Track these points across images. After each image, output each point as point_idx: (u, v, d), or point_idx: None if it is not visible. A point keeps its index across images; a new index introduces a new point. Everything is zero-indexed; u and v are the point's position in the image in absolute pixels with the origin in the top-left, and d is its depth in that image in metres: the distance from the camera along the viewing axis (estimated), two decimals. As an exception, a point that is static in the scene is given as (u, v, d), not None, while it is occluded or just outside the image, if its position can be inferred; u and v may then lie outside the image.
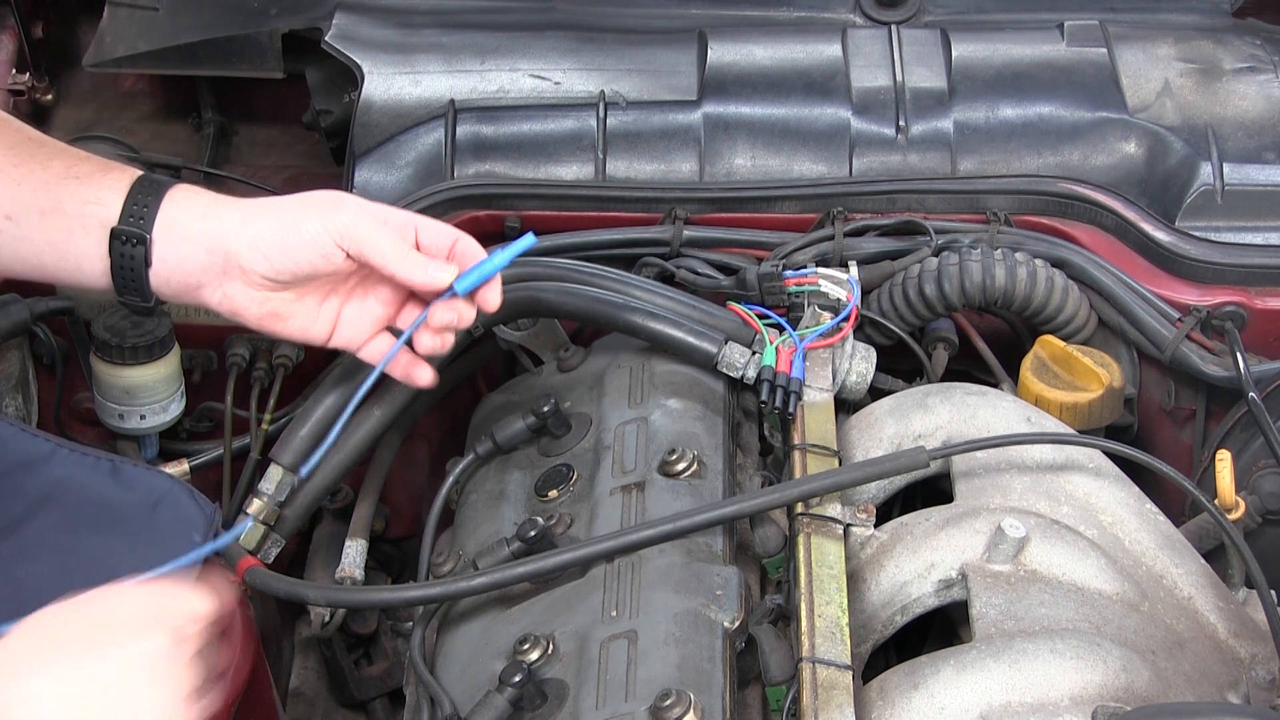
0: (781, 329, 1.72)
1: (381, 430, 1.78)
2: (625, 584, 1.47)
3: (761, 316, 1.74)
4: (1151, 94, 1.97)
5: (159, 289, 1.51)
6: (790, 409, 1.64)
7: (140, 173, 1.52)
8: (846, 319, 1.72)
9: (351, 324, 1.56)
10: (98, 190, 1.51)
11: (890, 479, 1.60)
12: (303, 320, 1.54)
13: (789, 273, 1.77)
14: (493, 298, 1.52)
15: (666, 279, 1.84)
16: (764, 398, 1.65)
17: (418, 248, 1.51)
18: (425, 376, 1.58)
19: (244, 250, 1.48)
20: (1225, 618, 1.51)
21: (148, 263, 1.49)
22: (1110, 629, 1.42)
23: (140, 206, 1.49)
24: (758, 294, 1.77)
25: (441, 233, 1.53)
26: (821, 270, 1.77)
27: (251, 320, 1.53)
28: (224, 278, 1.50)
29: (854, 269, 1.82)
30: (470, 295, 1.52)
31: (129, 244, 1.49)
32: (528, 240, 1.53)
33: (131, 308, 1.54)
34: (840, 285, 1.75)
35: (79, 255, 1.51)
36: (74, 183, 1.52)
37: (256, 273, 1.49)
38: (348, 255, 1.48)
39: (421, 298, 1.54)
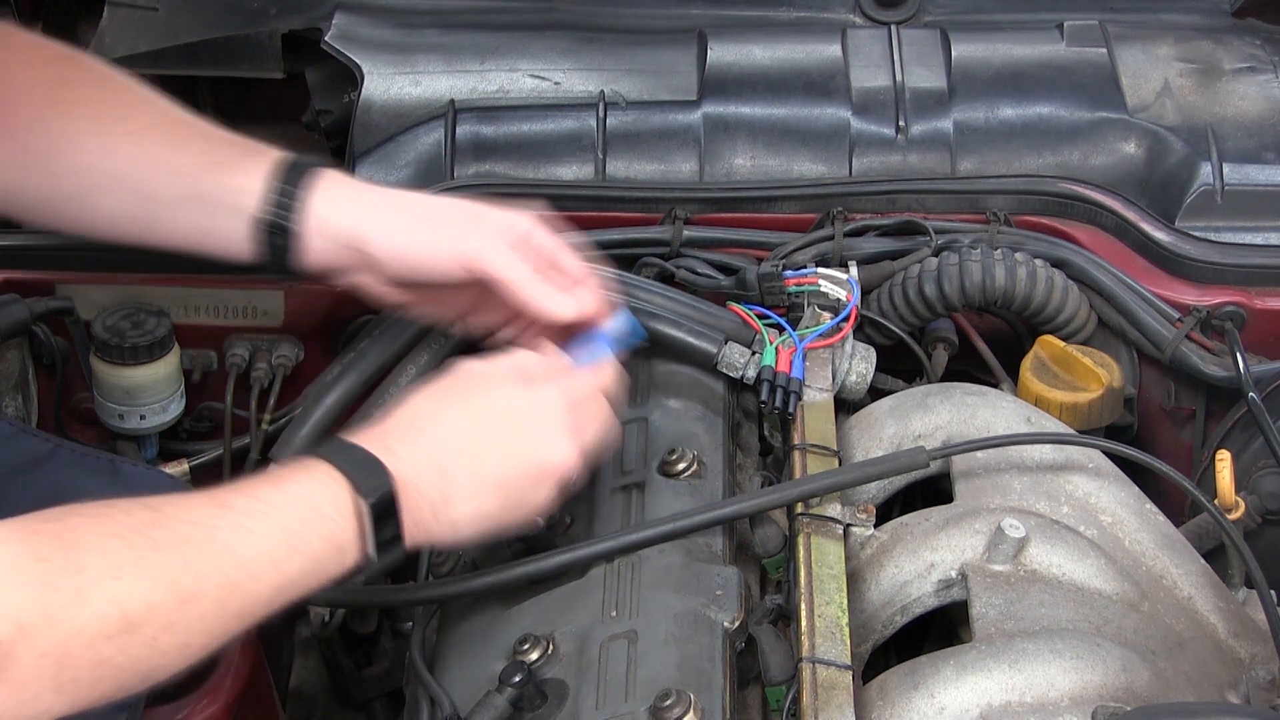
0: (781, 329, 1.72)
1: (381, 430, 1.78)
2: (625, 584, 1.47)
3: (761, 317, 1.74)
4: (1151, 94, 1.97)
5: (299, 269, 1.59)
6: (790, 409, 1.64)
7: (281, 157, 1.57)
8: (846, 319, 1.72)
9: (476, 319, 1.64)
10: (241, 177, 1.57)
11: (890, 479, 1.60)
12: (428, 311, 1.65)
13: (789, 273, 1.77)
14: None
15: (666, 279, 1.84)
16: (764, 398, 1.65)
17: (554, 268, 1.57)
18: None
19: (379, 253, 1.56)
20: (1225, 618, 1.51)
21: (284, 250, 1.57)
22: (1110, 629, 1.42)
23: (284, 197, 1.56)
24: (757, 294, 1.77)
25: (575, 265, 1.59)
26: (821, 270, 1.77)
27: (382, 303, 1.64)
28: (359, 270, 1.59)
29: (854, 269, 1.82)
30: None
31: (274, 234, 1.56)
32: (639, 336, 1.64)
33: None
34: (840, 285, 1.75)
35: (225, 238, 1.58)
36: (216, 169, 1.58)
37: (388, 274, 1.58)
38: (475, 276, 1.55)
39: None
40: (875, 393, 1.75)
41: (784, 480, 1.60)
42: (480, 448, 1.41)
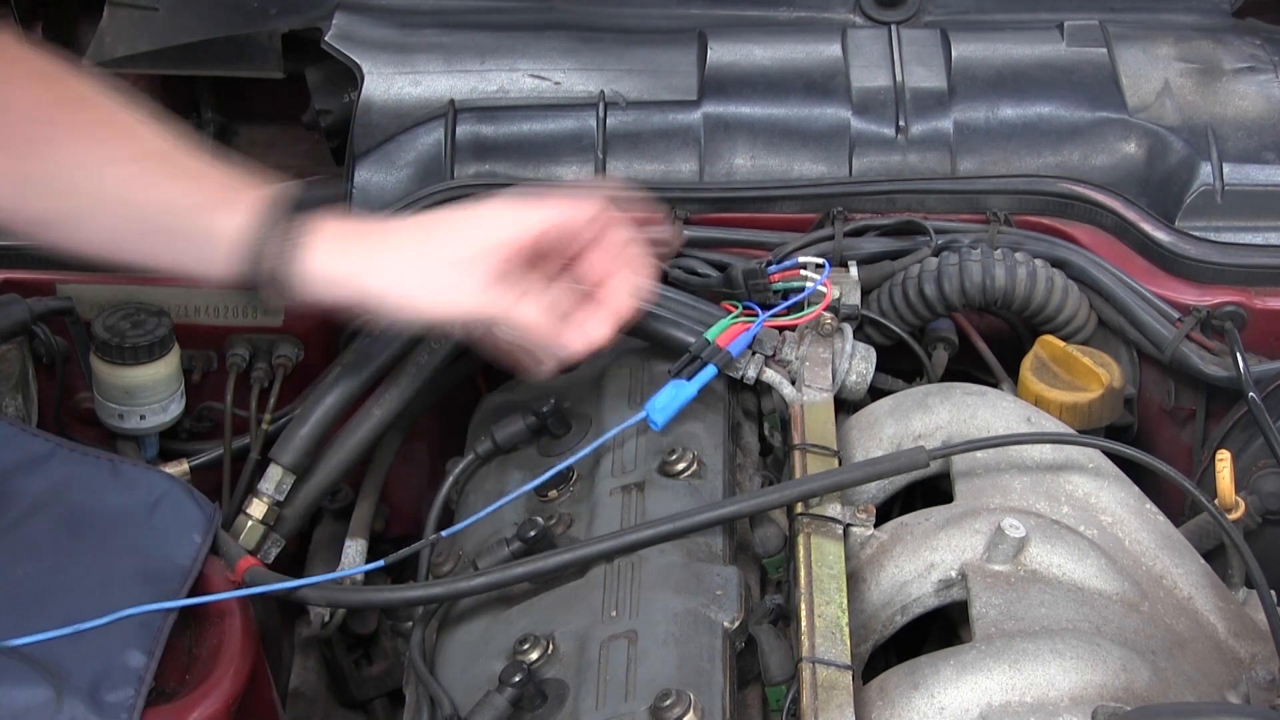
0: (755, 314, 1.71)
1: (381, 430, 1.78)
2: (625, 584, 1.47)
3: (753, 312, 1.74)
4: (1151, 94, 1.97)
5: (290, 309, 1.63)
6: (689, 377, 1.63)
7: (267, 200, 1.52)
8: (812, 300, 1.71)
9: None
10: (227, 219, 1.52)
11: (890, 479, 1.60)
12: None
13: (773, 268, 1.76)
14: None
15: (661, 279, 1.84)
16: (674, 367, 1.65)
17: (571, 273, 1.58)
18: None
19: (377, 305, 1.53)
20: (1225, 618, 1.51)
21: (281, 296, 1.52)
22: (1110, 629, 1.42)
23: (269, 247, 1.50)
24: (744, 291, 1.76)
25: (600, 265, 1.59)
26: (802, 259, 1.77)
27: None
28: (355, 313, 1.57)
29: (854, 269, 1.82)
30: None
31: (261, 281, 1.51)
32: (711, 371, 1.63)
33: None
34: (819, 273, 1.74)
35: (217, 274, 1.53)
36: (204, 209, 1.53)
37: (387, 320, 1.60)
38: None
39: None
40: (875, 393, 1.75)
41: (784, 480, 1.60)
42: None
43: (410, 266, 1.52)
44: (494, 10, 2.14)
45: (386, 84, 2.00)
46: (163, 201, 1.53)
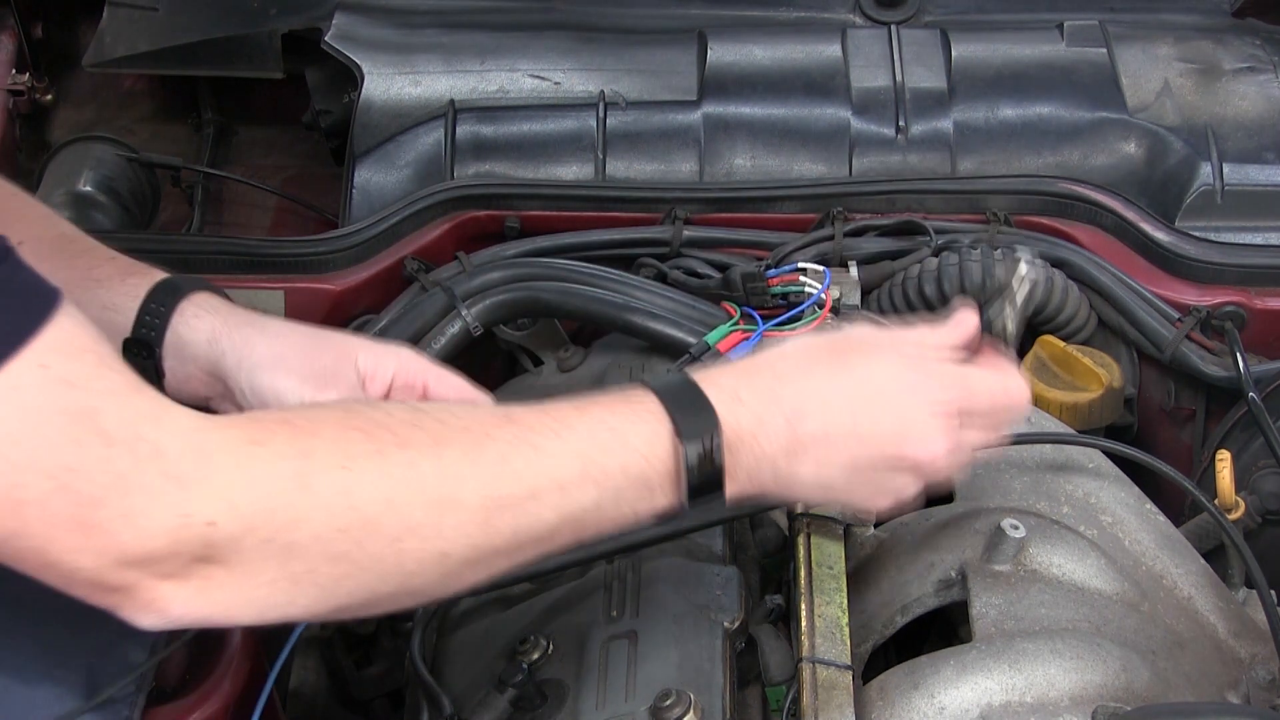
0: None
1: (381, 430, 1.78)
2: (625, 584, 1.47)
3: (751, 320, 1.74)
4: (1151, 94, 1.97)
5: (173, 394, 1.41)
6: None
7: (160, 278, 1.48)
8: (816, 307, 1.71)
9: None
10: (115, 296, 1.48)
11: (890, 479, 1.60)
12: None
13: (772, 271, 1.76)
14: None
15: (660, 280, 1.84)
16: (674, 367, 1.64)
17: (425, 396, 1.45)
18: None
19: (241, 390, 1.45)
20: (1225, 618, 1.51)
21: (160, 373, 1.47)
22: (1110, 629, 1.42)
23: (153, 318, 1.46)
24: (742, 294, 1.76)
25: (449, 385, 1.46)
26: (801, 265, 1.77)
27: None
28: (226, 400, 1.48)
29: (854, 269, 1.82)
30: None
31: (139, 355, 1.46)
32: None
33: None
34: (818, 279, 1.74)
35: (110, 323, 1.46)
36: (93, 285, 1.49)
37: (252, 407, 1.45)
38: None
39: None
40: (875, 393, 1.74)
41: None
42: (839, 411, 1.27)
43: (269, 366, 1.44)
44: (494, 10, 2.15)
45: (386, 84, 2.00)
46: (61, 278, 1.46)
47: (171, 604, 1.11)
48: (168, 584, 1.10)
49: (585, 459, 1.20)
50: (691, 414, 1.22)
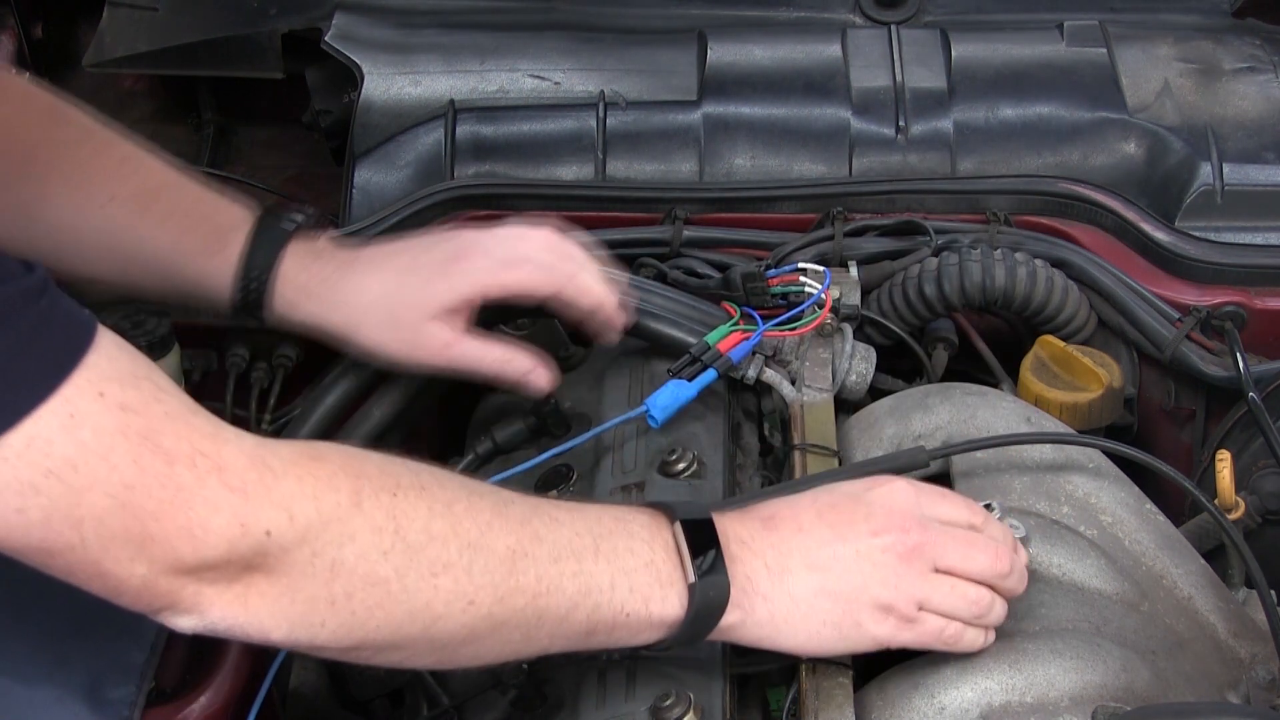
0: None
1: (382, 430, 1.78)
2: (625, 584, 1.47)
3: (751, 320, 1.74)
4: (1151, 94, 1.97)
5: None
6: (690, 378, 1.62)
7: (244, 250, 1.60)
8: (818, 308, 1.70)
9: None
10: (211, 265, 1.60)
11: (890, 479, 1.60)
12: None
13: (772, 272, 1.76)
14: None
15: (660, 280, 1.83)
16: (674, 367, 1.65)
17: None
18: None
19: (359, 344, 1.62)
20: (1225, 618, 1.51)
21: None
22: (1110, 629, 1.42)
23: (251, 284, 1.61)
24: (741, 294, 1.76)
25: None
26: (802, 265, 1.77)
27: None
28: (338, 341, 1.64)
29: (854, 269, 1.82)
30: None
31: (247, 311, 1.62)
32: (711, 375, 1.61)
33: None
34: (818, 279, 1.74)
35: (212, 307, 1.64)
36: (188, 256, 1.61)
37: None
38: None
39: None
40: (875, 393, 1.75)
41: (784, 480, 1.60)
42: (824, 545, 1.33)
43: (375, 318, 1.61)
44: (494, 10, 2.14)
45: (386, 84, 2.00)
46: (150, 247, 1.59)
47: (212, 607, 1.14)
48: (213, 588, 1.13)
49: (596, 535, 1.26)
50: (685, 507, 1.32)
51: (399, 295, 1.60)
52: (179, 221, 1.60)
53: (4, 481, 1.06)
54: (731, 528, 1.32)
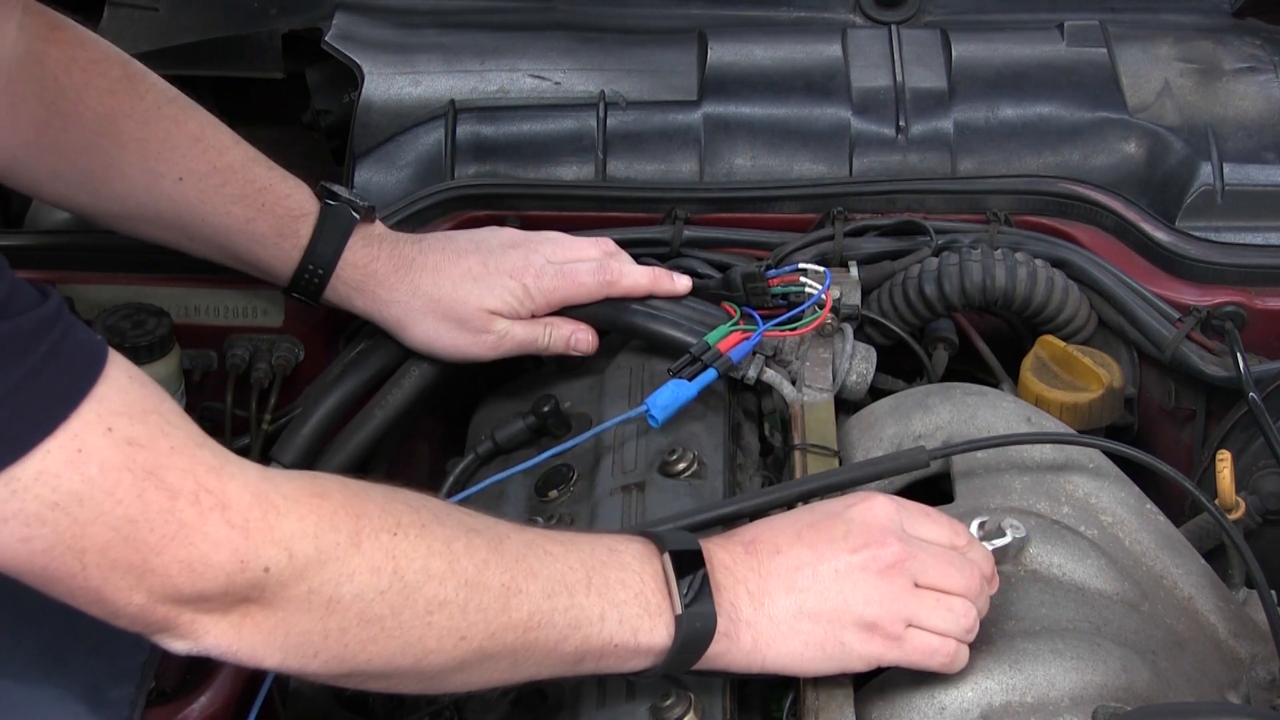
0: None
1: (382, 430, 1.78)
2: (625, 584, 1.47)
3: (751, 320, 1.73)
4: (1151, 94, 1.97)
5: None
6: (691, 378, 1.62)
7: (309, 240, 1.69)
8: (818, 308, 1.70)
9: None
10: (273, 253, 1.69)
11: (890, 479, 1.60)
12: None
13: (772, 272, 1.76)
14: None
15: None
16: (675, 366, 1.64)
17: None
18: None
19: (409, 339, 1.73)
20: (1225, 618, 1.51)
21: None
22: (1110, 629, 1.42)
23: (312, 276, 1.70)
24: (742, 294, 1.76)
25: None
26: (802, 265, 1.76)
27: None
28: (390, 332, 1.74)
29: (854, 269, 1.82)
30: None
31: (301, 295, 1.72)
32: (711, 375, 1.62)
33: None
34: (818, 279, 1.73)
35: (264, 276, 1.73)
36: (249, 241, 1.68)
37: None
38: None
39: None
40: (875, 393, 1.75)
41: (784, 480, 1.60)
42: (802, 566, 1.33)
43: (430, 317, 1.72)
44: (494, 10, 2.15)
45: (386, 84, 2.00)
46: (217, 226, 1.66)
47: (207, 634, 1.16)
48: (208, 616, 1.15)
49: (589, 568, 1.27)
50: (673, 536, 1.33)
51: (458, 298, 1.68)
52: (247, 206, 1.67)
53: (11, 512, 1.08)
54: (717, 555, 1.33)
